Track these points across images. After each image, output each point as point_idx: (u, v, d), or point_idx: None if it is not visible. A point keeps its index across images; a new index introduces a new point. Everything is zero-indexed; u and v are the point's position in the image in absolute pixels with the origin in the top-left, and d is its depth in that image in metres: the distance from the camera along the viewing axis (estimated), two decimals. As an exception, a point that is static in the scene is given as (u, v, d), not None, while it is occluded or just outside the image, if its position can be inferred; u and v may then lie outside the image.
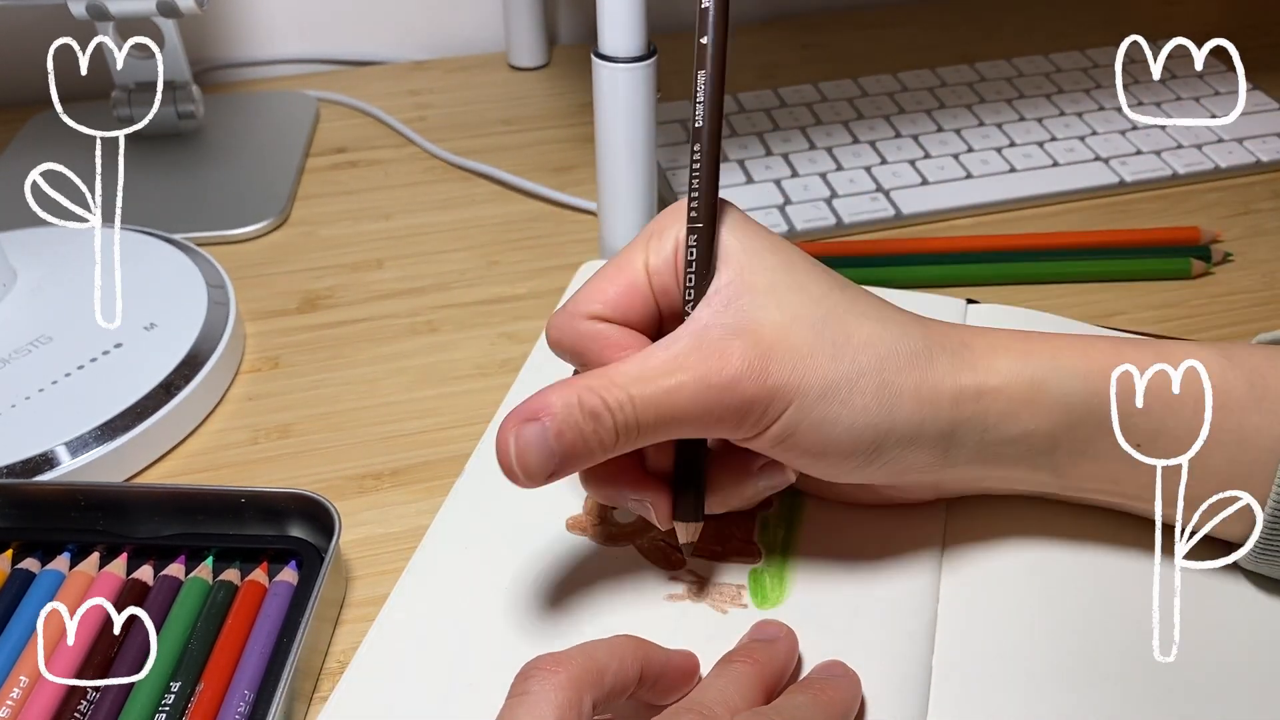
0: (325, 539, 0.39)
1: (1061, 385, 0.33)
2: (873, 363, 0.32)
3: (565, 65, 0.75)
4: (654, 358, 0.31)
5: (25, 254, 0.51)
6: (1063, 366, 0.33)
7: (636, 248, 0.34)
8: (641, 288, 0.34)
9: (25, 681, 0.34)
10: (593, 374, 0.31)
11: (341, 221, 0.59)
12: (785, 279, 0.32)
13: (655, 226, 0.34)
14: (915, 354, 0.33)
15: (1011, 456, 0.34)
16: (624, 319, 0.34)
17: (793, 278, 0.33)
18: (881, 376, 0.32)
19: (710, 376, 0.31)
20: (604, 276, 0.34)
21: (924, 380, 0.32)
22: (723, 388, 0.31)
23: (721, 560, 0.38)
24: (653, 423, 0.31)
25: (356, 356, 0.50)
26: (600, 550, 0.38)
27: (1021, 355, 0.34)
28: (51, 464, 0.42)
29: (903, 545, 0.38)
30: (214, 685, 0.34)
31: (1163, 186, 0.59)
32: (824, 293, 0.33)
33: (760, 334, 0.31)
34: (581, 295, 0.34)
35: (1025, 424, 0.33)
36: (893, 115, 0.65)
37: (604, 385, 0.31)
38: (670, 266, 0.34)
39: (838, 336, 0.32)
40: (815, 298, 0.32)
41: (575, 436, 0.31)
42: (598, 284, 0.34)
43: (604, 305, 0.34)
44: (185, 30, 0.63)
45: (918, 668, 0.34)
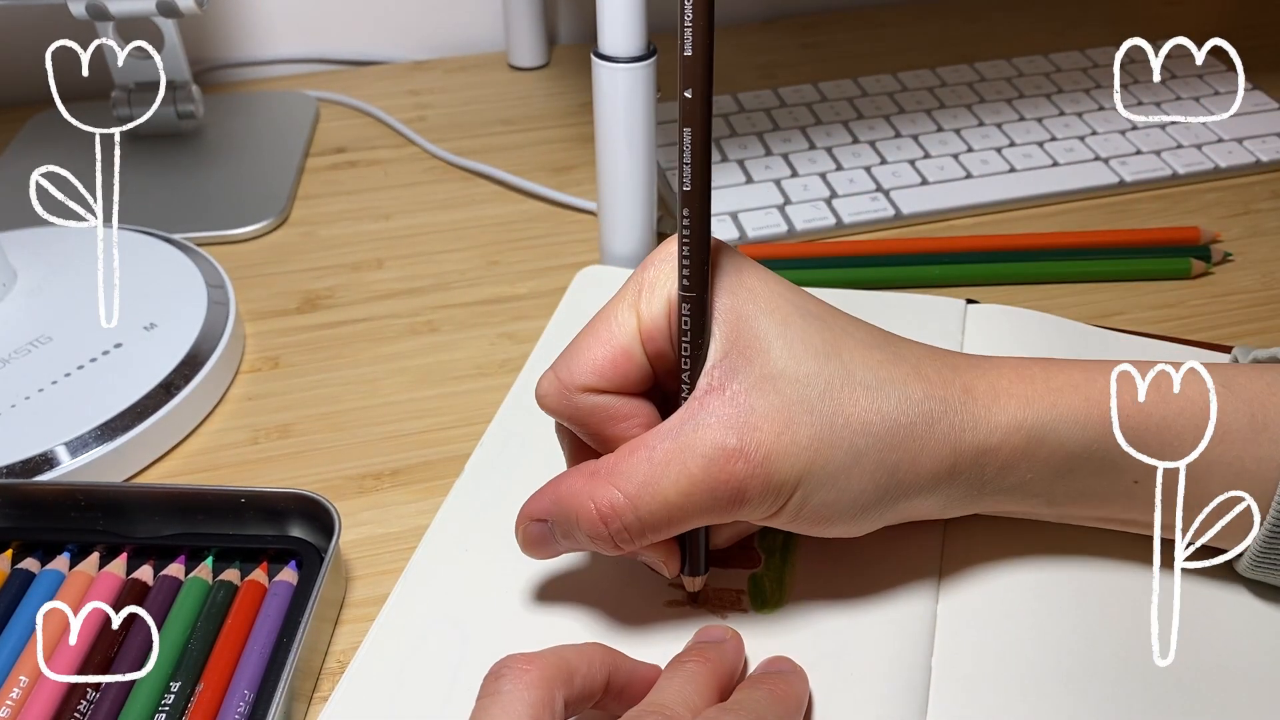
0: (325, 539, 0.39)
1: (1059, 434, 0.33)
2: (872, 444, 0.32)
3: (565, 65, 0.75)
4: (657, 460, 0.31)
5: (25, 254, 0.51)
6: (1063, 415, 0.33)
7: (625, 306, 0.33)
8: (635, 354, 0.33)
9: (25, 681, 0.34)
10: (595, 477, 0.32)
11: (341, 221, 0.59)
12: (780, 350, 0.32)
13: (644, 280, 0.33)
14: (914, 424, 0.32)
15: (1007, 500, 0.35)
16: (621, 387, 0.33)
17: (788, 349, 0.32)
18: (879, 456, 0.32)
19: (717, 486, 0.31)
20: (596, 341, 0.33)
21: (923, 451, 0.32)
22: (729, 496, 0.31)
23: (721, 565, 0.38)
24: (660, 531, 0.32)
25: (356, 356, 0.50)
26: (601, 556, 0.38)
27: (1022, 403, 0.33)
28: (51, 464, 0.42)
29: (902, 548, 0.38)
30: (214, 685, 0.34)
31: (1162, 186, 0.59)
32: (820, 363, 0.32)
33: (757, 430, 0.31)
34: (575, 365, 0.33)
35: (1023, 474, 0.34)
36: (893, 115, 0.65)
37: (608, 497, 0.31)
38: (664, 329, 0.32)
39: (835, 419, 0.31)
40: (811, 372, 0.32)
41: (577, 542, 0.33)
42: (590, 351, 0.33)
43: (599, 377, 0.32)
44: (185, 30, 0.63)
45: (918, 668, 0.34)
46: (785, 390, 0.31)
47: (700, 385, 0.32)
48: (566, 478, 0.33)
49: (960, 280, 0.52)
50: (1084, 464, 0.34)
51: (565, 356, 0.33)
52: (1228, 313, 0.50)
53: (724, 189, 0.58)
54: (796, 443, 0.31)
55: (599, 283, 0.51)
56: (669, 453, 0.31)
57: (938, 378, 0.33)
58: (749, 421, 0.31)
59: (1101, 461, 0.33)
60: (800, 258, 0.53)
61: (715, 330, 0.32)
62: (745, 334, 0.32)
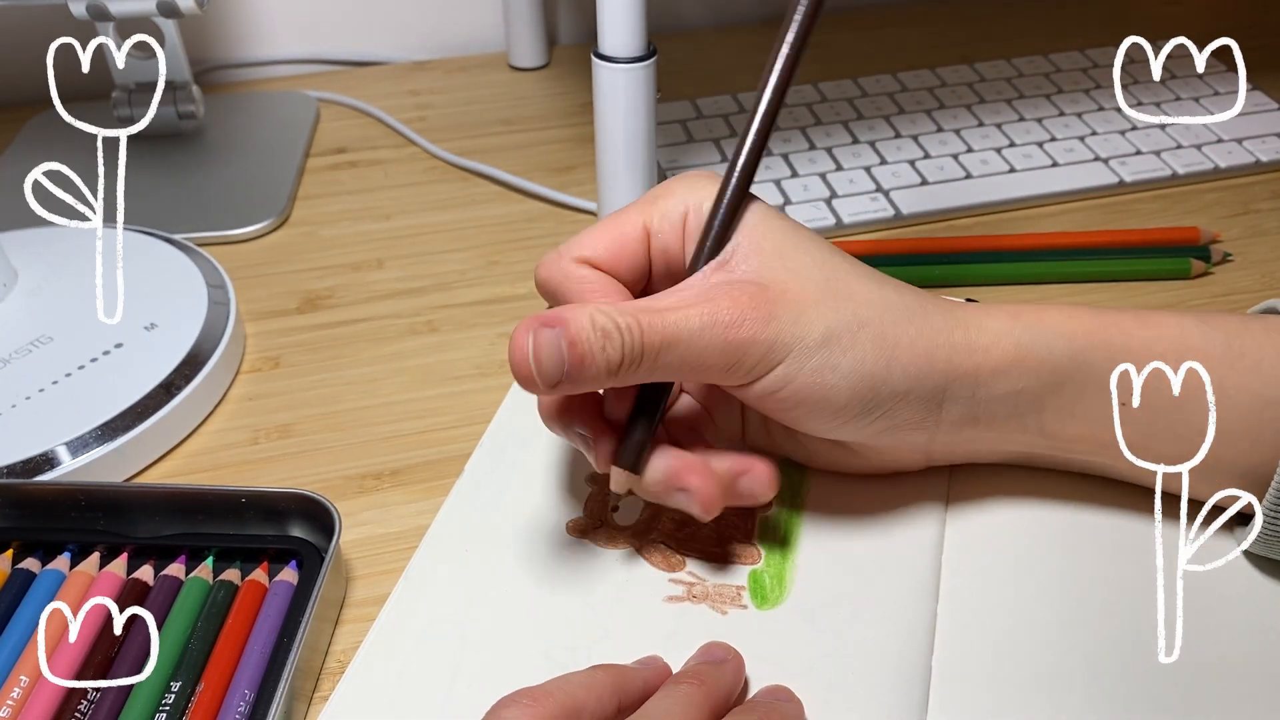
0: (325, 539, 0.39)
1: (1048, 345, 0.35)
2: (873, 315, 0.33)
3: (565, 65, 0.75)
4: (663, 298, 0.33)
5: (26, 254, 0.51)
6: (1048, 329, 0.35)
7: (637, 208, 0.35)
8: (636, 243, 0.35)
9: (25, 681, 0.34)
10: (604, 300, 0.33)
11: (342, 221, 0.59)
12: (791, 243, 0.34)
13: (660, 191, 0.35)
14: (912, 309, 0.34)
15: (1001, 415, 0.35)
16: (612, 268, 0.35)
17: (798, 243, 0.34)
18: (881, 328, 0.33)
19: (718, 314, 0.32)
20: (599, 227, 0.35)
21: (920, 333, 0.34)
22: (727, 325, 0.32)
23: (721, 561, 0.38)
24: (657, 350, 0.32)
25: (357, 356, 0.50)
26: (600, 552, 0.38)
27: (1009, 317, 0.35)
28: (52, 464, 0.42)
29: (902, 546, 0.38)
30: (214, 685, 0.34)
31: (1162, 186, 0.59)
32: (827, 257, 0.34)
33: (767, 285, 0.33)
34: (576, 240, 0.35)
35: (1015, 382, 0.35)
36: (893, 115, 0.65)
37: (615, 309, 0.32)
38: (676, 229, 0.35)
39: (840, 291, 0.33)
40: (819, 260, 0.34)
41: (585, 350, 0.31)
42: (592, 232, 0.35)
43: (594, 251, 0.34)
44: (185, 30, 0.63)
45: (918, 668, 0.34)
46: (793, 267, 0.33)
47: (714, 263, 0.34)
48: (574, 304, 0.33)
49: (960, 280, 0.52)
50: (1072, 378, 0.35)
51: (572, 238, 0.35)
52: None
53: (724, 189, 0.58)
54: (800, 299, 0.33)
55: (599, 283, 0.51)
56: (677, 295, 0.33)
57: (930, 296, 0.36)
58: (756, 279, 0.33)
59: (1088, 379, 0.35)
60: (800, 258, 0.53)
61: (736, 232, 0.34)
62: (761, 228, 0.34)
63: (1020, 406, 0.35)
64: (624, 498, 0.38)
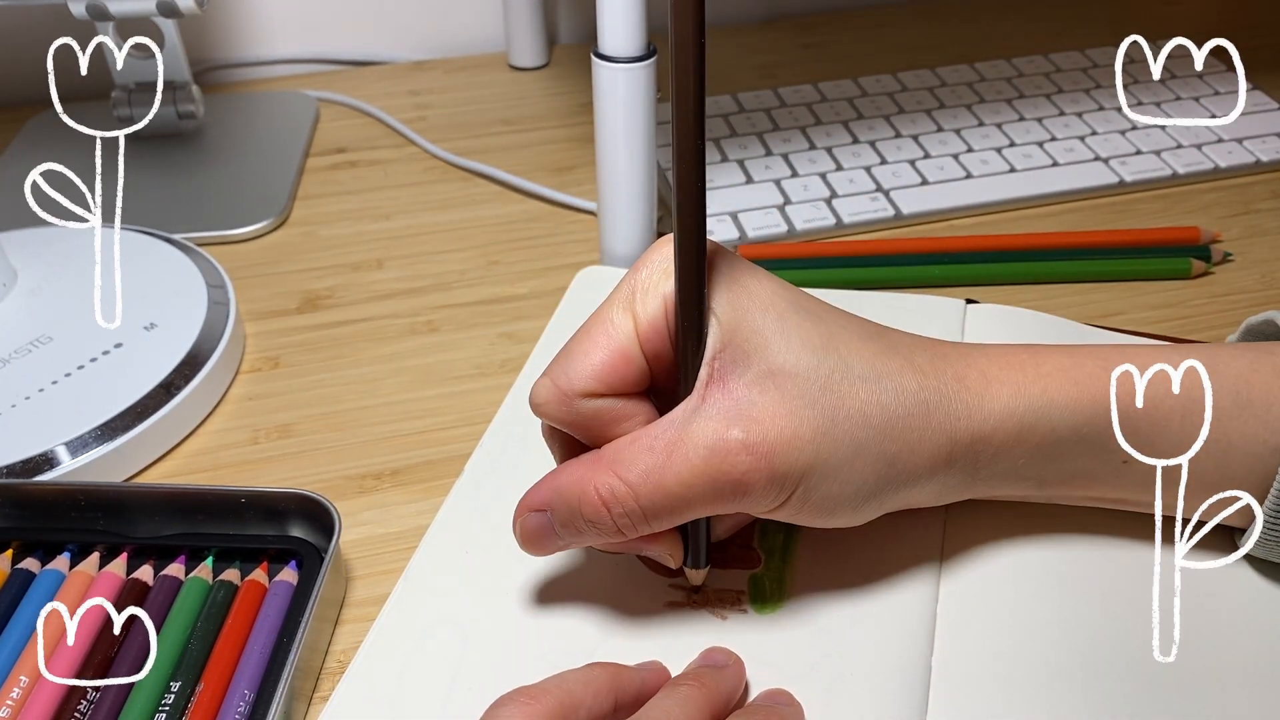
0: (325, 539, 0.39)
1: (1050, 419, 0.34)
2: (872, 436, 0.32)
3: (565, 65, 0.75)
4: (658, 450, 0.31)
5: (25, 254, 0.51)
6: (1052, 400, 0.34)
7: (620, 309, 0.33)
8: (633, 356, 0.32)
9: (25, 681, 0.34)
10: (598, 466, 0.32)
11: (341, 221, 0.59)
12: (779, 345, 0.32)
13: (637, 283, 0.33)
14: (910, 415, 0.33)
15: (1001, 485, 0.36)
16: (618, 390, 0.32)
17: (786, 343, 0.32)
18: (878, 447, 0.32)
19: (718, 477, 0.31)
20: (593, 345, 0.32)
21: (921, 440, 0.33)
22: (732, 488, 0.31)
23: (721, 566, 0.38)
24: (662, 520, 0.32)
25: (357, 356, 0.50)
26: (600, 555, 0.38)
27: (1013, 390, 0.34)
28: (51, 464, 0.42)
29: (902, 548, 0.38)
30: (214, 685, 0.34)
31: (1162, 186, 0.59)
32: (818, 359, 0.32)
33: (759, 422, 0.31)
34: (573, 370, 0.32)
35: (1015, 459, 0.35)
36: (893, 115, 0.65)
37: (609, 485, 0.31)
38: (660, 330, 0.32)
39: (837, 412, 0.32)
40: (810, 367, 0.32)
41: (579, 530, 0.32)
42: (588, 356, 0.32)
43: (598, 381, 0.32)
44: (185, 30, 0.63)
45: (918, 668, 0.34)
46: (785, 385, 0.31)
47: (701, 377, 0.32)
48: (566, 467, 0.33)
49: (960, 280, 0.52)
50: (1074, 447, 0.34)
51: (561, 362, 0.33)
52: (1228, 313, 0.50)
53: (724, 189, 0.58)
54: (800, 436, 0.31)
55: (599, 283, 0.51)
56: (671, 442, 0.31)
57: (930, 368, 0.34)
58: (751, 415, 0.31)
59: (1091, 443, 0.34)
60: (800, 258, 0.53)
61: (713, 324, 0.32)
62: (742, 329, 0.32)
63: (1020, 475, 0.35)
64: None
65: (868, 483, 0.33)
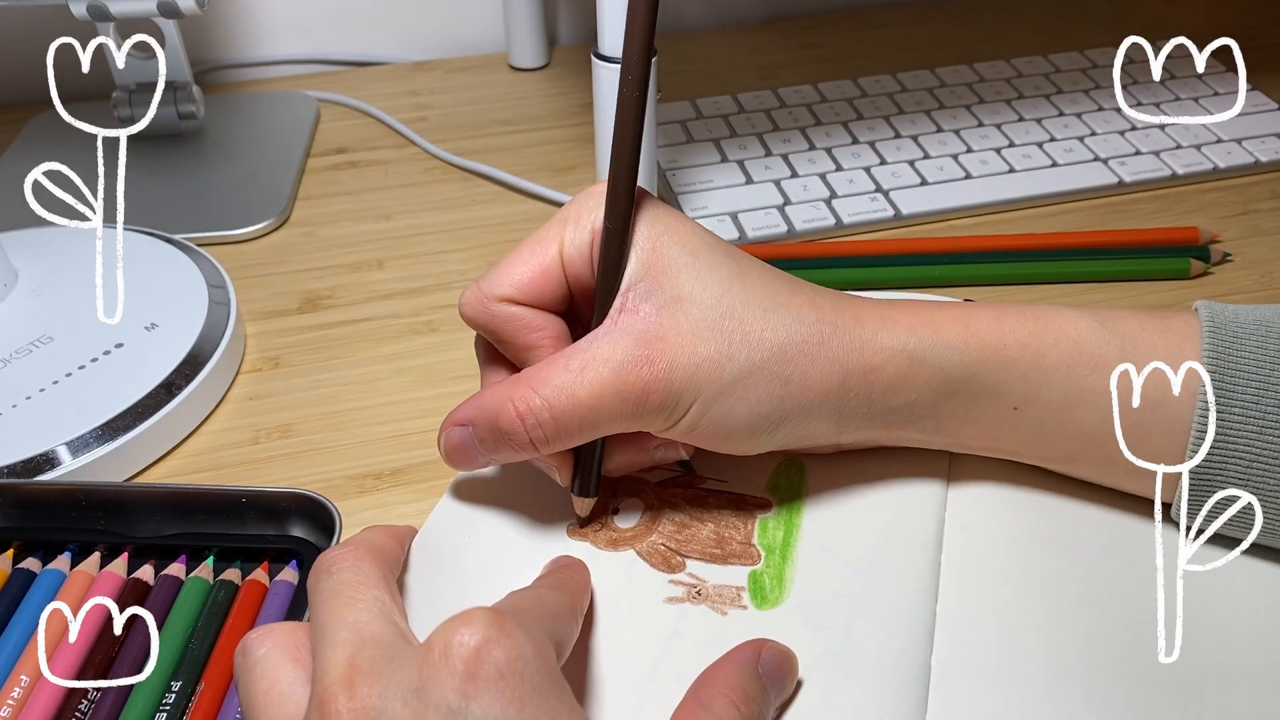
0: (326, 539, 0.39)
1: (940, 358, 0.36)
2: (765, 358, 0.34)
3: (565, 65, 0.75)
4: (573, 368, 0.34)
5: (26, 254, 0.51)
6: (943, 340, 0.36)
7: (551, 232, 0.36)
8: (554, 272, 0.36)
9: (26, 681, 0.34)
10: (517, 383, 0.34)
11: (342, 222, 0.59)
12: (689, 276, 0.35)
13: (572, 211, 0.36)
14: (805, 341, 0.35)
15: (899, 422, 0.37)
16: (536, 301, 0.36)
17: (697, 274, 0.35)
18: (773, 369, 0.35)
19: (624, 389, 0.34)
20: (518, 258, 0.36)
21: (812, 367, 0.35)
22: (636, 399, 0.34)
23: (721, 562, 0.38)
24: (574, 433, 0.35)
25: (357, 356, 0.50)
26: (600, 553, 0.38)
27: (906, 329, 0.36)
28: (52, 464, 0.42)
29: (901, 547, 0.38)
30: (215, 685, 0.34)
31: (1162, 187, 0.59)
32: (725, 288, 0.35)
33: (665, 341, 0.34)
34: (495, 276, 0.36)
35: (907, 395, 0.36)
36: (892, 116, 0.65)
37: (526, 400, 0.34)
38: (585, 255, 0.36)
39: (734, 335, 0.34)
40: (717, 295, 0.35)
41: (498, 444, 0.35)
42: (511, 266, 0.36)
43: (516, 289, 0.36)
44: (186, 30, 0.63)
45: (918, 668, 0.34)
46: (691, 311, 0.34)
47: (615, 306, 0.35)
48: (489, 388, 0.35)
49: (960, 280, 0.52)
50: (964, 387, 0.36)
51: (489, 271, 0.36)
52: (1227, 313, 0.50)
53: (724, 189, 0.58)
54: (697, 354, 0.34)
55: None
56: (584, 361, 0.34)
57: (831, 307, 0.36)
58: (656, 334, 0.34)
59: (981, 388, 0.36)
60: (800, 258, 0.53)
61: (632, 257, 0.35)
62: (658, 262, 0.35)
63: (915, 413, 0.37)
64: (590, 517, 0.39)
65: (761, 402, 0.35)
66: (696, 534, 0.39)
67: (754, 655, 0.32)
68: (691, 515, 0.39)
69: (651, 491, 0.40)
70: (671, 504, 0.40)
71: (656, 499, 0.40)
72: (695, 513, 0.39)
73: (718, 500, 0.40)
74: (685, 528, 0.39)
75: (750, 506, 0.39)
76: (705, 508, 0.40)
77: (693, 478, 0.41)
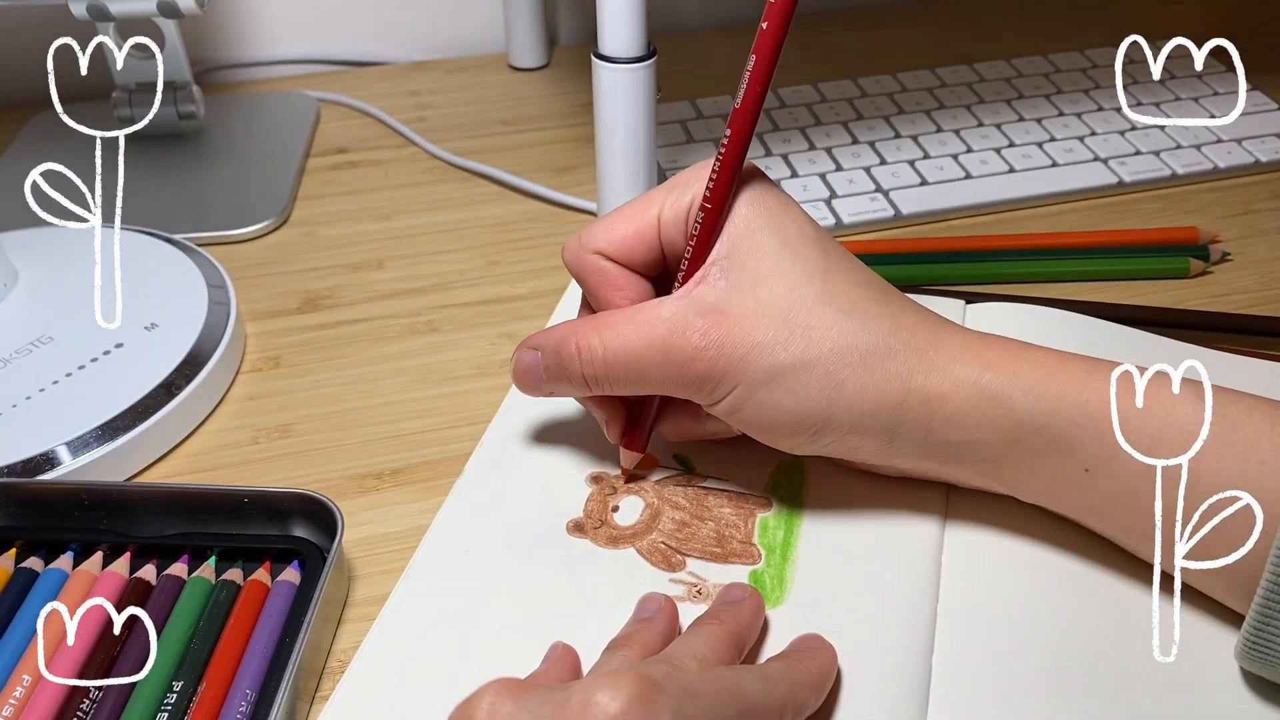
0: (328, 539, 0.39)
1: (1012, 399, 0.34)
2: (822, 355, 0.34)
3: (565, 65, 0.75)
4: (635, 320, 0.35)
5: (26, 254, 0.51)
6: (1020, 384, 0.34)
7: (656, 195, 0.37)
8: (649, 236, 0.36)
9: (28, 681, 0.34)
10: (587, 323, 0.36)
11: (342, 222, 0.59)
12: (773, 262, 0.34)
13: (679, 180, 0.36)
14: (870, 351, 0.34)
15: (956, 458, 0.36)
16: (627, 260, 0.37)
17: (780, 262, 0.34)
18: (827, 368, 0.34)
19: (671, 350, 0.34)
20: (620, 216, 0.37)
21: (871, 377, 0.34)
22: (680, 363, 0.34)
23: (721, 561, 0.38)
24: (621, 379, 0.36)
25: (357, 356, 0.50)
26: (601, 552, 0.38)
27: (984, 364, 0.34)
28: (52, 464, 0.42)
29: (902, 547, 0.38)
30: (216, 684, 0.34)
31: (1162, 187, 0.59)
32: (804, 279, 0.34)
33: (726, 317, 0.34)
34: (596, 230, 0.37)
35: (970, 431, 0.34)
36: (892, 116, 0.65)
37: (587, 339, 0.36)
38: (681, 224, 0.36)
39: (796, 326, 0.34)
40: (793, 285, 0.34)
41: (558, 373, 0.37)
42: (612, 222, 0.37)
43: (610, 245, 0.36)
44: (186, 30, 0.63)
45: (918, 668, 0.34)
46: (762, 294, 0.34)
47: (695, 276, 0.35)
48: (565, 322, 0.37)
49: (960, 280, 0.52)
50: (1034, 436, 0.34)
51: (593, 224, 0.37)
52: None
53: (724, 189, 0.58)
54: (752, 337, 0.34)
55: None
56: (647, 316, 0.35)
57: (912, 326, 0.35)
58: (720, 309, 0.34)
59: (1052, 440, 0.34)
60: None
61: (723, 235, 0.35)
62: (746, 243, 0.35)
63: (975, 454, 0.35)
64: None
65: (810, 400, 0.34)
66: (697, 533, 0.39)
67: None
68: (692, 514, 0.39)
69: (652, 489, 0.40)
70: (672, 502, 0.40)
71: (657, 497, 0.40)
72: (696, 511, 0.40)
73: (718, 499, 0.40)
74: (686, 526, 0.39)
75: (751, 505, 0.39)
76: (706, 506, 0.40)
77: (693, 476, 0.41)
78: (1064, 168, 0.60)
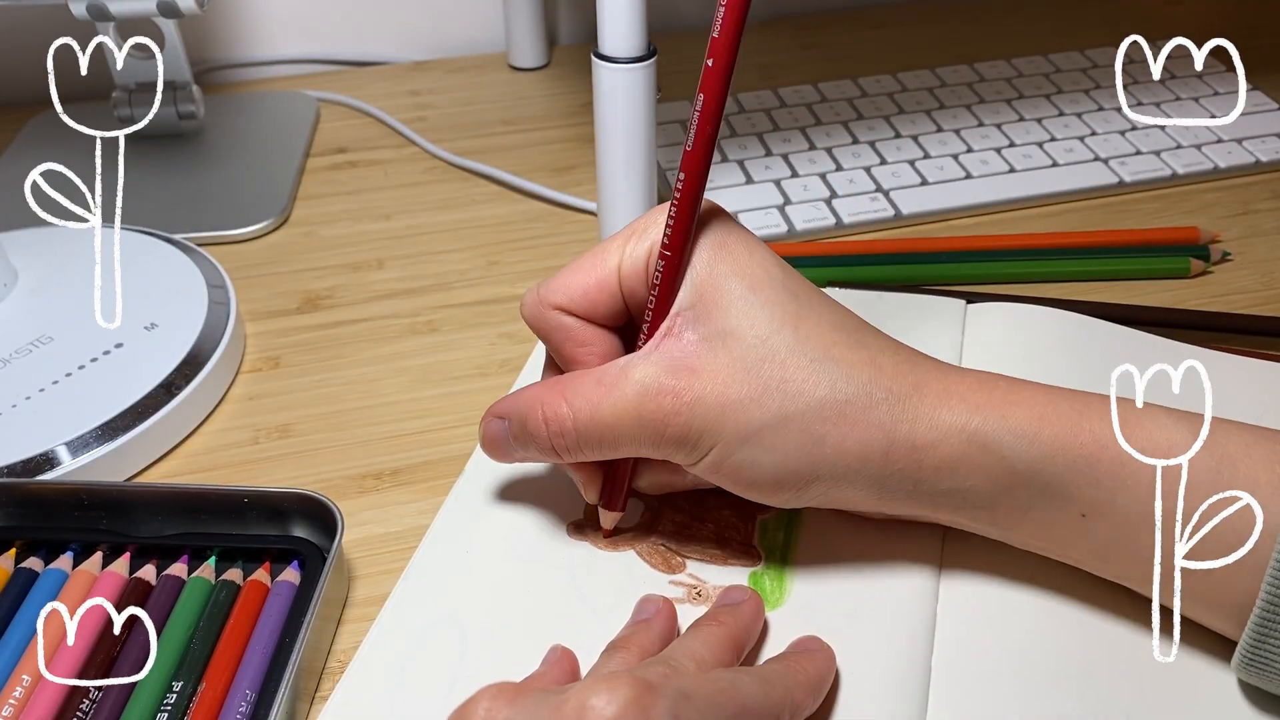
0: (328, 539, 0.39)
1: (1004, 445, 0.32)
2: (800, 410, 0.32)
3: (565, 65, 0.75)
4: (604, 383, 0.33)
5: (26, 254, 0.51)
6: (1011, 428, 0.32)
7: (614, 245, 0.35)
8: (610, 287, 0.35)
9: (28, 681, 0.34)
10: (553, 389, 0.34)
11: (342, 221, 0.59)
12: (741, 310, 0.33)
13: (637, 227, 0.35)
14: (849, 401, 0.32)
15: (949, 506, 0.34)
16: (589, 314, 0.35)
17: (749, 309, 0.33)
18: (808, 424, 0.32)
19: (644, 416, 0.33)
20: (579, 267, 0.35)
21: (852, 430, 0.32)
22: (655, 428, 0.33)
23: (721, 563, 0.38)
24: (594, 447, 0.34)
25: (357, 356, 0.50)
26: (600, 554, 0.38)
27: (971, 408, 0.33)
28: (52, 464, 0.42)
29: (902, 546, 0.38)
30: (216, 685, 0.34)
31: (1162, 186, 0.59)
32: (775, 329, 0.33)
33: (698, 376, 0.33)
34: (554, 284, 0.35)
35: (961, 480, 0.33)
36: (892, 115, 0.65)
37: (555, 408, 0.34)
38: (641, 274, 0.34)
39: (771, 381, 0.32)
40: (764, 335, 0.33)
41: (526, 442, 0.35)
42: (571, 276, 0.35)
43: (570, 300, 0.35)
44: (185, 30, 0.63)
45: (918, 668, 0.34)
46: (732, 348, 0.33)
47: (660, 329, 0.34)
48: (530, 387, 0.36)
49: (960, 280, 0.52)
50: (1028, 483, 0.33)
51: (551, 277, 0.36)
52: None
53: (724, 189, 0.58)
54: (726, 394, 0.32)
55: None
56: (615, 379, 0.33)
57: (892, 369, 0.33)
58: (690, 365, 0.33)
59: (1046, 486, 0.32)
60: (800, 257, 0.53)
61: (686, 282, 0.33)
62: (712, 291, 0.33)
63: (968, 500, 0.34)
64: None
65: (791, 457, 0.32)
66: (696, 535, 0.39)
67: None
68: (691, 516, 0.39)
69: (652, 491, 0.40)
70: (671, 504, 0.40)
71: (656, 499, 0.40)
72: (695, 513, 0.39)
73: (717, 501, 0.40)
74: (685, 528, 0.39)
75: (750, 508, 0.39)
76: (705, 508, 0.40)
77: (693, 478, 0.41)
78: (1064, 168, 0.60)
